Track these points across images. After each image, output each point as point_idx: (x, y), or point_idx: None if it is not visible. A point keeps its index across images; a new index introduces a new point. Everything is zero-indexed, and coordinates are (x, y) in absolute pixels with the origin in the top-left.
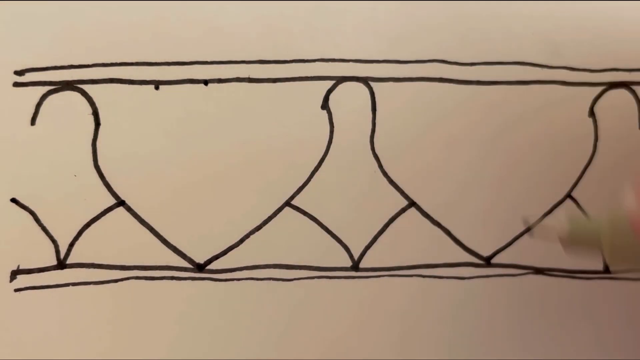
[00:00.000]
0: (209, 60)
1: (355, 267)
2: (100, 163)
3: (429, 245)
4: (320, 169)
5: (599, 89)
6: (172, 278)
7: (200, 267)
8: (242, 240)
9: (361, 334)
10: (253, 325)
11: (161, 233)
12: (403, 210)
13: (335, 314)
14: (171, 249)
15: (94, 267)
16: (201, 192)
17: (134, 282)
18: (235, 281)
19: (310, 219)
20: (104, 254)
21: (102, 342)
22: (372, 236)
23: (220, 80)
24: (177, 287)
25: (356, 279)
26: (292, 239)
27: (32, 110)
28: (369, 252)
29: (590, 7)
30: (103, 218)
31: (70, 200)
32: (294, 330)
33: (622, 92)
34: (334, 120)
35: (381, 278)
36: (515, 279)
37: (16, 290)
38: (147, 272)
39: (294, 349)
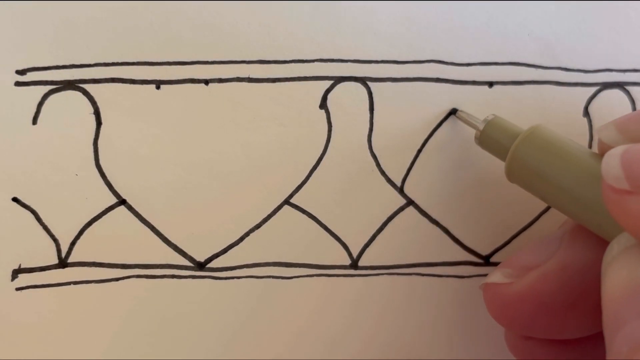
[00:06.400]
0: (209, 60)
1: (354, 265)
2: (101, 162)
3: (428, 244)
4: (318, 168)
5: (593, 89)
6: (173, 276)
7: (200, 266)
8: (242, 239)
9: (360, 332)
10: (253, 323)
11: (162, 232)
12: (401, 209)
13: (334, 311)
14: (172, 248)
15: (95, 266)
16: (201, 191)
17: (135, 280)
18: (235, 279)
19: (309, 217)
20: (105, 252)
21: (103, 340)
22: (371, 235)
23: (220, 80)
24: (178, 285)
25: (355, 277)
26: (291, 237)
27: (34, 110)
28: (367, 250)
29: (584, 8)
30: (104, 217)
31: (72, 199)
32: (293, 328)
33: (616, 92)
34: (332, 120)
35: (380, 276)
36: None
37: (17, 289)
38: (148, 270)
39: (293, 347)
